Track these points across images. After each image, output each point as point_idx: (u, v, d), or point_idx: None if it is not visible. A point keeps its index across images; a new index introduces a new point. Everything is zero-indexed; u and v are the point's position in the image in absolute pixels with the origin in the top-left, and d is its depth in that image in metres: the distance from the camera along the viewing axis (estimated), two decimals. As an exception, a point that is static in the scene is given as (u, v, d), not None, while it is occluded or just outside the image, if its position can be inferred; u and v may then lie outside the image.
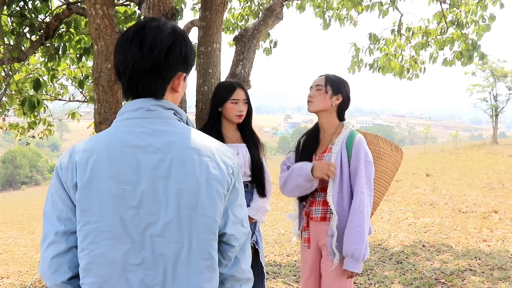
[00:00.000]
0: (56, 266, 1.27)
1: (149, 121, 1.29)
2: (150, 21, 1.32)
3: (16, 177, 56.14)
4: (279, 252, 5.82)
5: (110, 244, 1.22)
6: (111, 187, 1.22)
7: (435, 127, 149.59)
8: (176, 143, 1.27)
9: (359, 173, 2.43)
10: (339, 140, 2.52)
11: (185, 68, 1.35)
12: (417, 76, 7.48)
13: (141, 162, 1.24)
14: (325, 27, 7.48)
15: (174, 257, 1.25)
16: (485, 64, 25.52)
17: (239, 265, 1.37)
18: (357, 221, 2.37)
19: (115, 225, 1.22)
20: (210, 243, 1.28)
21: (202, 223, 1.26)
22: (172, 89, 1.35)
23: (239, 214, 1.35)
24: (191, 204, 1.25)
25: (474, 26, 6.60)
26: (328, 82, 2.58)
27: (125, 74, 1.30)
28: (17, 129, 6.28)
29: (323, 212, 2.57)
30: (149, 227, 1.23)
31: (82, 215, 1.23)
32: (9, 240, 9.16)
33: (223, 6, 3.28)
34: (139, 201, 1.23)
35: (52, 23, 3.83)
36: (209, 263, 1.28)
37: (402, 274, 4.74)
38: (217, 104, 2.83)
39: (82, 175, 1.23)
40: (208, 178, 1.27)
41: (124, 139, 1.26)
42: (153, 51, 1.26)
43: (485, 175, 12.12)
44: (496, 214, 7.42)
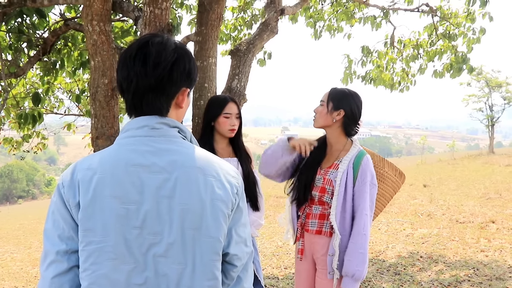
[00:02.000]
0: (57, 286, 1.24)
1: (153, 139, 1.28)
2: (153, 37, 1.31)
3: (13, 191, 55.82)
4: (276, 265, 5.80)
5: (113, 265, 1.21)
6: (114, 206, 1.21)
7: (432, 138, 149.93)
8: (181, 163, 1.25)
9: (364, 195, 2.42)
10: (347, 159, 2.48)
11: (189, 83, 1.34)
12: (408, 89, 7.59)
13: (145, 181, 1.22)
14: (316, 37, 7.56)
15: (177, 278, 1.23)
16: (480, 74, 25.71)
17: (241, 284, 1.37)
18: (361, 243, 2.38)
19: (119, 245, 1.20)
20: (214, 263, 1.27)
21: (206, 244, 1.25)
22: (176, 105, 1.34)
23: (242, 234, 1.35)
24: (195, 224, 1.24)
25: (463, 38, 6.70)
26: (330, 98, 2.53)
27: (129, 91, 1.29)
28: (12, 143, 6.27)
29: (319, 225, 2.55)
30: (152, 247, 1.22)
31: (85, 235, 1.21)
32: (5, 255, 9.10)
33: (219, 21, 3.33)
34: (143, 221, 1.21)
35: (50, 38, 3.87)
36: (212, 283, 1.27)
37: (400, 285, 4.73)
38: (210, 118, 2.84)
39: (85, 194, 1.21)
40: (212, 198, 1.26)
41: (128, 158, 1.24)
42: (157, 68, 1.26)
43: (482, 185, 12.14)
44: (494, 224, 7.43)
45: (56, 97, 6.69)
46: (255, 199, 2.90)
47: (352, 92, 2.58)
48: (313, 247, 2.61)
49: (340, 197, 2.44)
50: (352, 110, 2.52)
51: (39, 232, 12.61)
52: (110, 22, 2.83)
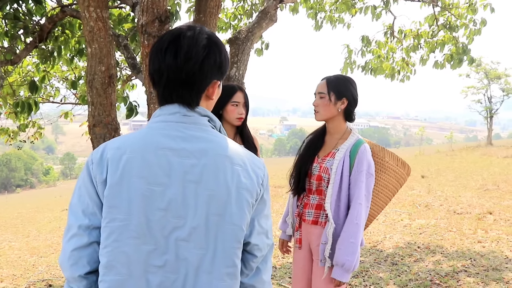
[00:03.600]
0: (76, 259, 1.27)
1: (184, 126, 1.30)
2: (185, 30, 1.31)
3: (11, 180, 55.87)
4: (274, 254, 5.82)
5: (135, 244, 1.22)
6: (141, 187, 1.23)
7: (430, 129, 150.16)
8: (210, 150, 1.27)
9: (359, 184, 2.39)
10: (344, 148, 2.46)
11: (220, 76, 1.35)
12: (408, 78, 7.54)
13: (173, 165, 1.25)
14: (317, 28, 7.52)
15: (197, 263, 1.24)
16: (479, 66, 25.67)
17: (260, 275, 1.37)
18: (352, 232, 2.35)
19: (141, 225, 1.22)
20: (235, 251, 1.28)
21: (228, 231, 1.26)
22: (207, 97, 1.36)
23: (264, 225, 1.36)
24: (220, 211, 1.25)
25: (465, 30, 6.66)
26: (330, 88, 2.48)
27: (160, 84, 1.31)
28: (8, 133, 6.23)
29: (316, 215, 2.54)
30: (175, 230, 1.24)
31: (109, 212, 1.23)
32: (3, 244, 9.11)
33: (217, 9, 3.29)
34: (168, 204, 1.23)
35: (46, 25, 3.82)
36: (231, 270, 1.28)
37: (397, 275, 4.74)
38: (218, 107, 2.83)
39: (113, 172, 1.24)
40: (238, 186, 1.27)
41: (159, 141, 1.26)
42: (189, 62, 1.26)
43: (480, 176, 12.17)
44: (491, 215, 7.45)
45: (52, 85, 6.65)
46: None
47: (347, 77, 2.56)
48: (310, 237, 2.60)
49: (336, 185, 2.42)
50: (354, 96, 2.51)
51: (37, 221, 12.63)
52: (107, 9, 2.79)
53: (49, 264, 6.60)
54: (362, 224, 2.40)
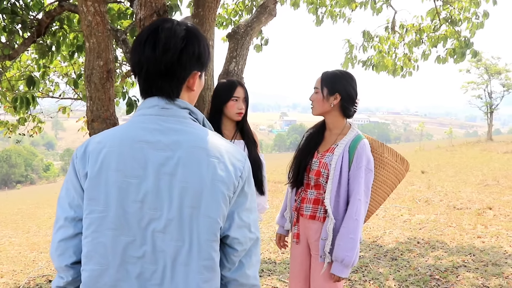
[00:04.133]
0: (62, 250, 1.32)
1: (162, 118, 1.31)
2: (163, 22, 1.33)
3: (11, 176, 55.89)
4: (274, 250, 5.82)
5: (113, 235, 1.26)
6: (118, 179, 1.26)
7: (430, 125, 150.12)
8: (185, 142, 1.28)
9: (358, 180, 2.38)
10: (343, 143, 2.44)
11: (200, 66, 1.36)
12: (410, 74, 7.49)
13: (149, 157, 1.26)
14: (318, 23, 7.48)
15: (174, 255, 1.26)
16: (479, 61, 25.60)
17: (243, 270, 1.35)
18: (352, 228, 2.34)
19: (119, 217, 1.25)
20: (211, 244, 1.27)
21: (204, 223, 1.26)
22: (188, 88, 1.37)
23: (246, 219, 1.34)
24: (194, 203, 1.25)
25: (467, 23, 6.61)
26: (324, 83, 2.48)
27: (141, 76, 1.33)
28: (7, 126, 6.23)
29: (313, 210, 2.53)
30: (152, 222, 1.26)
31: (89, 204, 1.27)
32: (3, 240, 9.11)
33: (216, 3, 3.27)
34: (144, 196, 1.25)
35: (44, 20, 3.80)
36: (208, 263, 1.28)
37: (397, 270, 4.75)
38: (219, 102, 2.83)
39: (93, 165, 1.28)
40: (214, 179, 1.27)
41: (136, 134, 1.29)
42: (167, 54, 1.28)
43: (480, 172, 12.16)
44: (491, 211, 7.45)
45: (51, 80, 6.63)
46: (261, 183, 2.90)
47: (344, 72, 2.52)
48: (307, 232, 2.59)
49: (335, 181, 2.41)
50: (348, 92, 2.47)
51: (37, 217, 12.63)
52: (105, 3, 2.77)
53: (49, 260, 6.60)
54: (361, 220, 2.39)
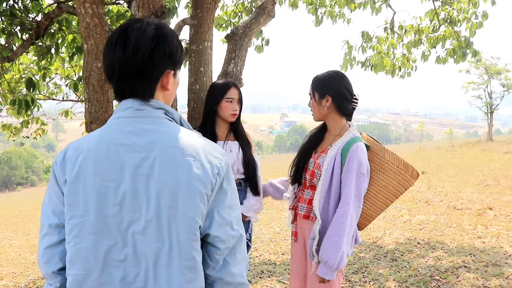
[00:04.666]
0: (48, 257, 1.34)
1: (137, 120, 1.31)
2: (132, 23, 1.33)
3: (12, 178, 55.86)
4: (274, 251, 5.81)
5: (94, 239, 1.26)
6: (95, 183, 1.25)
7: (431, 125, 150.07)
8: (160, 142, 1.27)
9: (348, 183, 2.35)
10: (337, 145, 2.43)
11: (172, 65, 1.36)
12: (409, 75, 7.48)
13: (125, 160, 1.26)
14: (317, 24, 7.47)
15: (155, 256, 1.26)
16: (479, 61, 25.59)
17: (227, 268, 1.34)
18: (337, 230, 2.33)
19: (99, 221, 1.25)
20: (191, 243, 1.27)
21: (182, 223, 1.25)
22: (162, 88, 1.36)
23: (227, 216, 1.33)
24: (172, 203, 1.25)
25: (466, 24, 6.60)
26: (314, 88, 2.49)
27: (113, 78, 1.33)
28: (10, 129, 6.24)
29: (307, 210, 2.55)
30: (132, 224, 1.25)
31: (69, 209, 1.28)
32: (3, 242, 9.11)
33: (214, 4, 3.27)
34: (122, 198, 1.25)
35: (43, 22, 3.80)
36: (190, 263, 1.27)
37: (397, 271, 4.74)
38: (213, 103, 2.83)
39: (71, 171, 1.28)
40: (189, 177, 1.26)
41: (111, 138, 1.29)
42: (137, 54, 1.27)
43: (480, 172, 12.15)
44: (491, 211, 7.44)
45: (54, 83, 6.64)
46: (255, 184, 2.90)
47: (333, 73, 2.49)
48: (304, 231, 2.62)
49: (326, 182, 2.40)
50: (338, 91, 2.44)
51: (37, 219, 12.62)
52: (103, 5, 2.77)
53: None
54: (350, 224, 2.34)
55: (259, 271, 4.98)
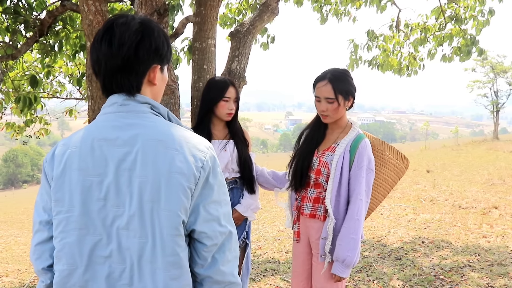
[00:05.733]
0: (39, 253, 1.34)
1: (122, 115, 1.31)
2: (118, 18, 1.33)
3: (18, 176, 56.15)
4: (278, 249, 5.80)
5: (79, 234, 1.26)
6: (80, 179, 1.26)
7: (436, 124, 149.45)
8: (141, 136, 1.27)
9: (359, 180, 2.35)
10: (344, 142, 2.42)
11: (159, 60, 1.35)
12: (416, 73, 7.43)
13: (108, 155, 1.26)
14: (322, 21, 7.44)
15: (139, 252, 1.24)
16: (485, 60, 25.42)
17: (216, 266, 1.30)
18: (353, 228, 2.33)
19: (83, 216, 1.25)
20: (174, 239, 1.24)
21: (164, 217, 1.23)
22: (149, 82, 1.36)
23: (214, 212, 1.30)
24: (154, 197, 1.23)
25: (473, 21, 6.55)
26: (337, 91, 2.38)
27: (100, 73, 1.32)
28: (14, 128, 6.26)
29: (313, 209, 2.52)
30: (116, 219, 1.25)
31: (55, 205, 1.28)
32: (9, 239, 9.17)
33: (218, 2, 3.26)
34: (106, 193, 1.25)
35: (46, 20, 3.80)
36: (174, 259, 1.25)
37: (401, 270, 4.72)
38: (210, 102, 2.81)
39: (57, 166, 1.29)
40: (171, 171, 1.24)
41: (96, 133, 1.29)
42: (122, 48, 1.27)
43: (486, 171, 12.08)
44: (496, 210, 7.40)
45: (58, 81, 6.66)
46: (251, 182, 2.89)
47: (346, 73, 2.48)
48: (308, 231, 2.58)
49: (336, 180, 2.39)
50: (355, 91, 2.48)
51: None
52: (106, 2, 2.77)
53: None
54: (363, 220, 2.37)
55: (263, 269, 4.97)
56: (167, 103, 2.70)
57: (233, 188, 2.89)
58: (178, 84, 2.78)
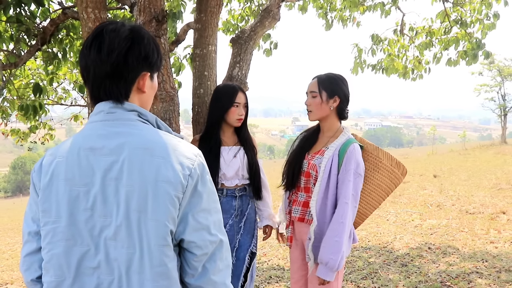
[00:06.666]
0: (28, 264, 1.33)
1: (108, 123, 1.28)
2: (107, 25, 1.32)
3: (26, 183, 56.41)
4: (283, 256, 5.76)
5: (66, 245, 1.24)
6: (67, 189, 1.24)
7: (443, 128, 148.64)
8: (127, 144, 1.24)
9: (346, 184, 2.36)
10: (334, 146, 2.44)
11: (149, 67, 1.34)
12: (421, 77, 7.39)
13: (95, 164, 1.24)
14: (328, 28, 7.44)
15: (127, 263, 1.22)
16: (492, 63, 25.28)
17: (207, 276, 1.28)
18: (337, 231, 2.33)
19: (71, 227, 1.23)
20: (162, 249, 1.22)
21: (152, 228, 1.21)
22: (138, 90, 1.34)
23: (204, 220, 1.27)
24: (140, 207, 1.21)
25: (479, 25, 6.49)
26: (322, 87, 2.47)
27: (89, 80, 1.30)
28: (19, 135, 6.30)
29: (302, 213, 2.55)
30: (104, 230, 1.23)
31: (43, 215, 1.27)
32: (15, 246, 9.19)
33: (218, 8, 3.26)
34: (93, 203, 1.23)
35: (48, 28, 3.81)
36: (162, 270, 1.23)
37: (407, 277, 4.66)
38: (221, 109, 2.77)
39: (44, 177, 1.27)
40: (158, 179, 1.21)
41: (82, 142, 1.27)
42: (112, 54, 1.26)
43: (494, 175, 11.96)
44: (504, 215, 7.30)
45: (63, 88, 6.71)
46: (258, 189, 2.88)
47: (339, 75, 2.55)
48: (300, 235, 2.60)
49: (323, 183, 2.40)
50: (345, 94, 2.51)
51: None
52: (105, 9, 2.77)
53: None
54: (348, 223, 2.36)
55: (267, 276, 4.94)
56: (166, 110, 2.69)
57: (242, 195, 2.87)
58: (177, 91, 2.77)
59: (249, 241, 2.89)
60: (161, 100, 2.64)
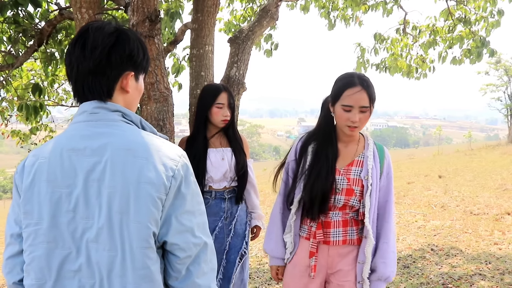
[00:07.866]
0: (10, 267, 1.31)
1: (91, 124, 1.27)
2: (93, 23, 1.32)
3: (32, 184, 56.80)
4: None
5: (48, 248, 1.22)
6: (49, 190, 1.22)
7: (450, 128, 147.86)
8: (109, 145, 1.22)
9: (391, 190, 2.18)
10: (370, 154, 2.17)
11: (134, 67, 1.32)
12: (425, 76, 7.32)
13: (77, 165, 1.22)
14: (330, 27, 7.40)
15: (109, 266, 1.20)
16: (498, 63, 25.11)
17: (191, 278, 1.26)
18: (392, 242, 2.14)
19: (52, 229, 1.21)
20: (144, 251, 1.20)
21: (134, 230, 1.19)
22: (122, 89, 1.32)
23: (187, 222, 1.25)
24: (122, 208, 1.19)
25: (483, 23, 6.42)
26: (371, 100, 2.09)
27: (72, 77, 1.30)
28: (19, 136, 6.30)
29: (344, 234, 2.18)
30: (86, 232, 1.21)
31: (25, 217, 1.25)
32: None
33: (215, 8, 3.23)
34: (75, 205, 1.21)
35: (46, 29, 3.80)
36: (144, 273, 1.20)
37: (409, 279, 4.61)
38: (203, 109, 2.77)
39: (26, 178, 1.25)
40: (140, 181, 1.19)
41: (65, 143, 1.25)
42: (95, 51, 1.25)
43: (499, 176, 11.86)
44: (509, 216, 7.23)
45: (64, 89, 6.70)
46: (241, 193, 2.85)
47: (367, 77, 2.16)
48: (334, 260, 2.21)
49: (373, 197, 2.13)
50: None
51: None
52: (100, 10, 2.75)
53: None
54: None
55: (268, 278, 4.90)
56: (160, 110, 2.67)
57: (231, 197, 2.83)
58: (171, 91, 2.74)
59: (239, 243, 2.85)
60: (155, 101, 2.62)
